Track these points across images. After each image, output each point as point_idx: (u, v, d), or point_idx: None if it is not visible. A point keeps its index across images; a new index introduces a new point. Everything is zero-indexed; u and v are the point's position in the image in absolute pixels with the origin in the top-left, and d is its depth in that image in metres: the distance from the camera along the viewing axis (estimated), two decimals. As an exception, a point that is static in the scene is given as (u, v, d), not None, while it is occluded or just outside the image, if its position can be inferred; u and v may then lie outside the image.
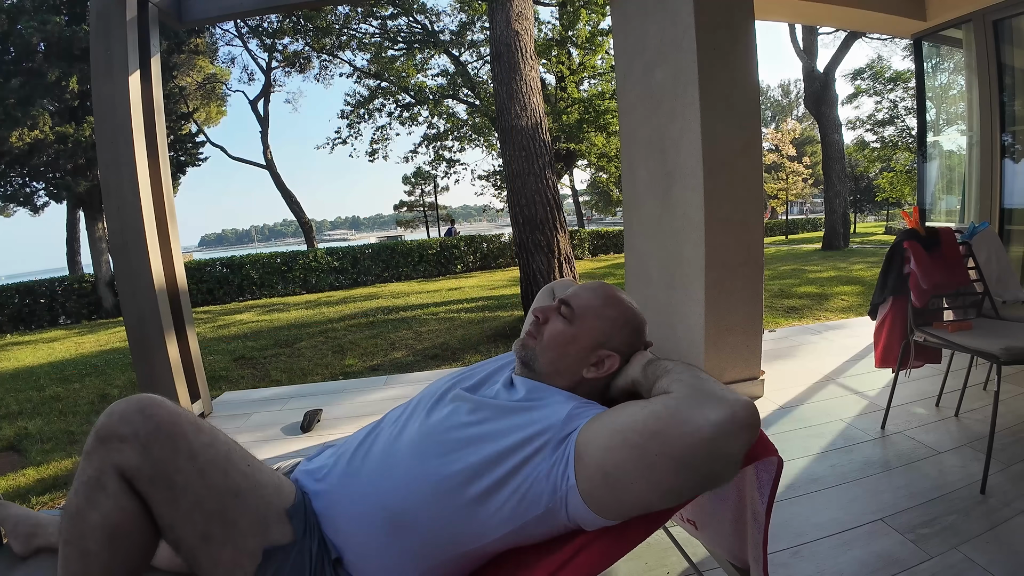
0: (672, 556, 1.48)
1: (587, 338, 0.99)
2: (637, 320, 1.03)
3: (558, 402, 0.91)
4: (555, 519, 0.84)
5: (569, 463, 0.81)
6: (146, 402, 0.81)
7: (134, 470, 0.77)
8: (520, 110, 5.38)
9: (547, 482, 0.82)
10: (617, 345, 1.00)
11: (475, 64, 16.28)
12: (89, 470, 0.77)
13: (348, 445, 1.00)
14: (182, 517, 0.79)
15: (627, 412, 0.81)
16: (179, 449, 0.79)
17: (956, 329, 2.05)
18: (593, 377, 0.99)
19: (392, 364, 4.51)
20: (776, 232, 22.94)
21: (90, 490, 0.76)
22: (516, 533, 0.86)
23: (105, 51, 2.58)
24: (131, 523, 0.77)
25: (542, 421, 0.87)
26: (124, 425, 0.78)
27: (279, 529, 0.85)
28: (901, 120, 19.29)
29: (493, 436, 0.88)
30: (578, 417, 0.87)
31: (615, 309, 1.02)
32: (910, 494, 1.73)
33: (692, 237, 2.54)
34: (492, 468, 0.85)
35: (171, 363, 2.74)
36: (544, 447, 0.84)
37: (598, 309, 1.01)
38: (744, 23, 2.45)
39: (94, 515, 0.75)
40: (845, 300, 5.79)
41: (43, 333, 9.10)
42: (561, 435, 0.85)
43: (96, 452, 0.78)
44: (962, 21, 3.76)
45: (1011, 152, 3.66)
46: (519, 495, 0.83)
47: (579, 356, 0.99)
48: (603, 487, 0.78)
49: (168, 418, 0.81)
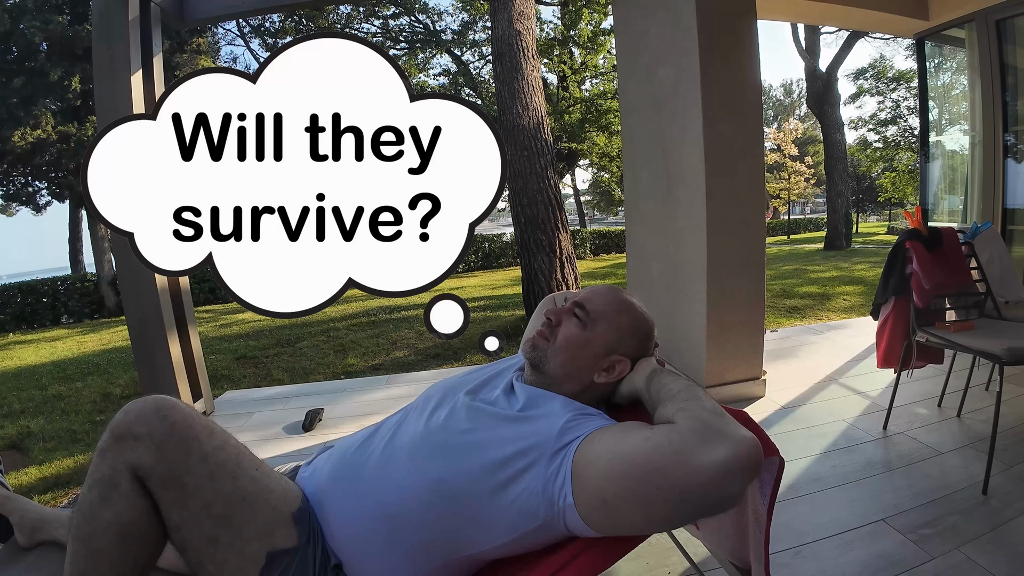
0: (673, 556, 1.48)
1: (600, 343, 0.98)
2: (648, 325, 1.03)
3: (554, 413, 0.89)
4: (553, 529, 0.83)
5: (566, 480, 0.80)
6: (162, 403, 0.82)
7: (147, 469, 0.78)
8: (522, 109, 5.38)
9: (542, 496, 0.81)
10: (628, 350, 1.00)
11: (477, 64, 16.32)
12: (103, 467, 0.78)
13: (346, 450, 1.00)
14: (190, 519, 0.79)
15: (630, 441, 0.79)
16: (191, 452, 0.80)
17: (958, 329, 2.05)
18: (603, 382, 0.99)
19: (394, 363, 4.51)
20: (778, 232, 22.92)
21: (104, 488, 0.77)
22: (516, 542, 0.85)
23: (107, 50, 2.58)
24: (142, 522, 0.78)
25: (535, 435, 0.85)
26: (140, 424, 0.79)
27: (284, 534, 0.85)
28: (903, 120, 19.27)
29: (487, 445, 0.86)
30: (571, 431, 0.85)
31: (628, 315, 1.01)
32: (912, 495, 1.73)
33: (694, 237, 2.54)
34: (487, 477, 0.83)
35: (173, 362, 2.74)
36: (537, 462, 0.82)
37: (612, 315, 1.00)
38: (746, 22, 2.45)
39: (107, 513, 0.76)
40: (847, 300, 5.78)
41: (45, 332, 9.12)
42: (553, 449, 0.83)
43: (111, 450, 0.79)
44: (965, 21, 3.76)
45: (1014, 152, 3.65)
46: (516, 507, 0.82)
47: (591, 361, 0.98)
48: (600, 512, 0.77)
49: (183, 420, 0.82)
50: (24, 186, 13.14)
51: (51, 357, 6.16)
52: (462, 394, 1.00)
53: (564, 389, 0.98)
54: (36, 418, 3.55)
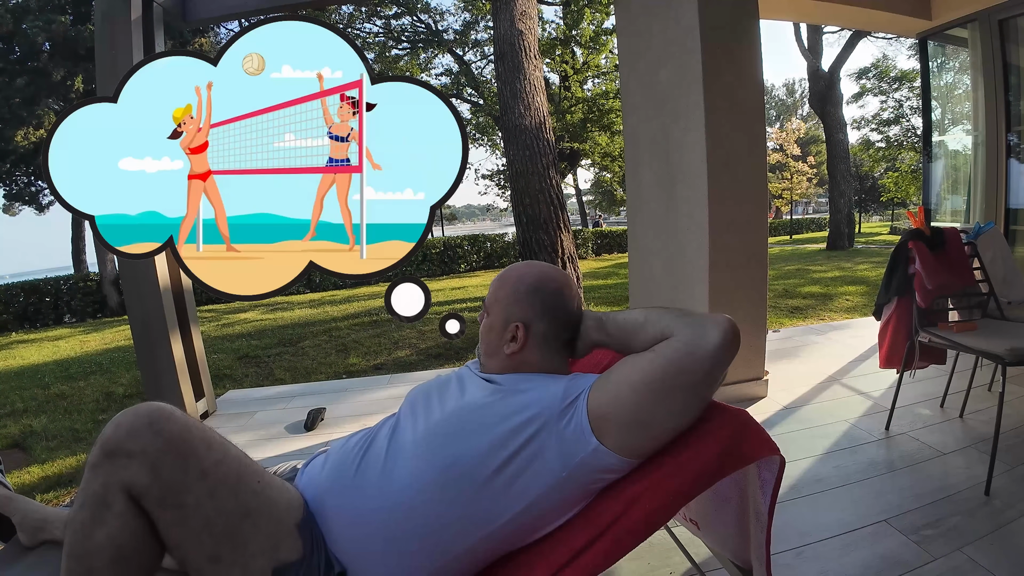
0: (675, 556, 1.48)
1: (497, 320, 1.06)
2: (524, 283, 1.07)
3: (546, 384, 0.97)
4: (575, 487, 0.89)
5: (584, 431, 0.88)
6: (156, 415, 0.78)
7: (142, 488, 0.74)
8: (524, 109, 5.37)
9: (559, 457, 0.87)
10: (521, 314, 1.04)
11: (479, 63, 16.30)
12: (95, 484, 0.75)
13: (345, 454, 0.99)
14: (191, 538, 0.77)
15: (639, 366, 0.89)
16: (189, 468, 0.77)
17: (961, 330, 2.04)
18: (514, 352, 1.04)
19: (395, 363, 4.51)
20: (780, 232, 22.87)
21: (96, 506, 0.74)
22: (527, 511, 0.88)
23: (110, 51, 2.59)
24: (137, 542, 0.75)
25: (538, 403, 0.92)
26: (132, 440, 0.75)
27: (289, 546, 0.84)
28: (906, 119, 19.21)
29: (490, 422, 0.91)
30: (572, 391, 0.93)
31: (505, 286, 1.08)
32: (914, 495, 1.72)
33: (696, 237, 2.53)
34: (497, 452, 0.88)
35: (175, 361, 2.74)
36: (545, 426, 0.89)
37: (496, 293, 1.09)
38: (748, 22, 2.44)
39: (100, 533, 0.73)
40: (849, 300, 5.77)
41: (48, 331, 9.14)
42: (559, 409, 0.90)
43: (102, 467, 0.75)
44: (968, 20, 3.74)
45: (1017, 152, 3.64)
46: (529, 472, 0.87)
47: (497, 337, 1.06)
48: (639, 434, 0.88)
49: (179, 434, 0.78)
50: (27, 186, 13.19)
51: (54, 356, 6.17)
52: (450, 389, 1.05)
53: (492, 367, 1.07)
54: (39, 417, 3.56)
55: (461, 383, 1.06)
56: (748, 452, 0.89)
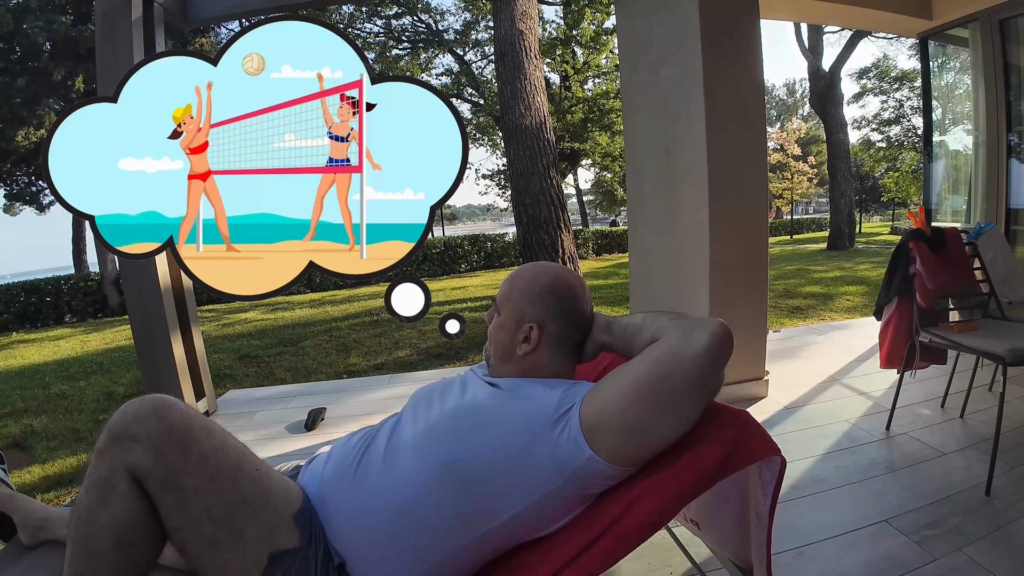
0: (675, 556, 1.48)
1: (509, 320, 1.06)
2: (539, 284, 1.06)
3: (543, 392, 0.96)
4: (572, 494, 0.89)
5: (578, 440, 0.87)
6: (159, 403, 0.81)
7: (145, 471, 0.77)
8: (524, 109, 5.38)
9: (553, 466, 0.87)
10: (535, 314, 1.04)
11: (479, 63, 16.31)
12: (101, 468, 0.78)
13: (346, 451, 1.00)
14: (190, 522, 0.79)
15: (628, 373, 0.88)
16: (190, 453, 0.80)
17: (961, 330, 2.04)
18: (527, 353, 1.04)
19: (396, 363, 4.51)
20: (781, 232, 22.85)
21: (101, 489, 0.77)
22: (525, 513, 0.89)
23: (111, 51, 2.59)
24: (140, 524, 0.77)
25: (531, 412, 0.92)
26: (137, 425, 0.78)
27: (286, 534, 0.85)
28: (907, 119, 19.20)
29: (488, 424, 0.91)
30: (567, 400, 0.92)
31: (518, 285, 1.07)
32: (915, 495, 1.72)
33: (697, 237, 2.53)
34: (494, 453, 0.88)
35: (176, 361, 2.75)
36: (540, 435, 0.88)
37: (508, 292, 1.08)
38: (749, 22, 2.44)
39: (104, 515, 0.76)
40: (850, 300, 5.77)
41: (49, 331, 9.14)
42: (553, 419, 0.89)
43: (108, 450, 0.78)
44: (968, 20, 3.74)
45: (1017, 152, 3.63)
46: (525, 477, 0.88)
47: (509, 337, 1.05)
48: (629, 442, 0.86)
49: (181, 421, 0.81)
50: (28, 186, 13.20)
51: (54, 356, 6.17)
52: (452, 390, 1.05)
53: (505, 371, 1.05)
54: (39, 417, 3.56)
55: (464, 385, 1.06)
56: (749, 453, 0.89)
